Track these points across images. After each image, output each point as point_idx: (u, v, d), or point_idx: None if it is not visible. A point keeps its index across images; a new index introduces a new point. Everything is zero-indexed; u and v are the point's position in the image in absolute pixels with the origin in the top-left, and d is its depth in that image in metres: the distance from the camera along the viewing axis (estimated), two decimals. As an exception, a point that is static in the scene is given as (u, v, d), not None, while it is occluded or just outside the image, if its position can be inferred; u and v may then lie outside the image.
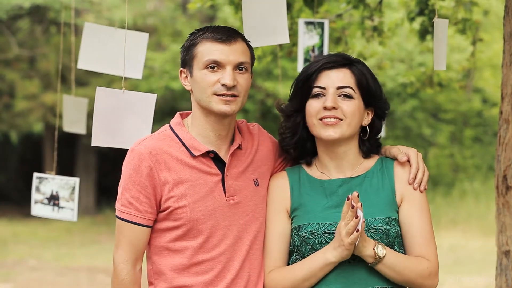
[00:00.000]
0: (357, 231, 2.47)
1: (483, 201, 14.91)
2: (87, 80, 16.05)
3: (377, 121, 2.75)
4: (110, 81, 16.11)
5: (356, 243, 2.51)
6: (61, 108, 4.69)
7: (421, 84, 6.59)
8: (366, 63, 2.78)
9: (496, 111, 15.17)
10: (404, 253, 2.67)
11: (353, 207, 2.45)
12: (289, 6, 5.33)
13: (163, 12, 16.03)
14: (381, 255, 2.53)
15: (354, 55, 6.19)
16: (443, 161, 17.70)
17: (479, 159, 17.50)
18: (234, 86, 2.61)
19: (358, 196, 2.47)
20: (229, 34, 2.65)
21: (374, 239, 2.58)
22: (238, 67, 2.64)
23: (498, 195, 3.39)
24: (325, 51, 4.40)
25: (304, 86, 2.69)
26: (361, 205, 2.47)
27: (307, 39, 4.44)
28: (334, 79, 2.66)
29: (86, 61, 3.58)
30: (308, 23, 4.43)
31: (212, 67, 2.62)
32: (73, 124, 4.66)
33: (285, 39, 3.23)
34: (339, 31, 5.94)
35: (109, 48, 3.50)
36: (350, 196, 2.47)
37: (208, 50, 2.62)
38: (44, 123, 16.99)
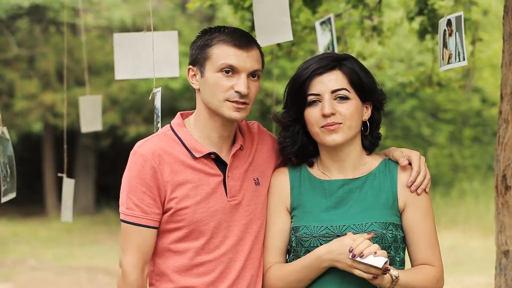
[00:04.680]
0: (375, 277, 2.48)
1: (482, 201, 14.89)
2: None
3: (376, 113, 2.74)
4: (110, 80, 16.11)
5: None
6: (63, 108, 4.71)
7: (420, 83, 6.58)
8: (365, 63, 2.77)
9: (495, 111, 15.16)
10: (402, 259, 2.67)
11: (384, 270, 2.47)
12: (289, 6, 5.33)
13: (162, 11, 16.00)
14: (396, 275, 2.51)
15: (354, 55, 6.18)
16: (442, 161, 17.69)
17: (478, 159, 17.48)
18: (247, 94, 2.59)
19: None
20: (247, 40, 2.62)
21: None
22: (252, 74, 2.62)
23: (497, 195, 3.39)
24: (335, 45, 4.41)
25: (298, 95, 2.67)
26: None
27: (323, 39, 4.48)
28: (327, 84, 2.63)
29: (122, 72, 3.61)
30: (321, 23, 4.47)
31: (227, 72, 2.58)
32: (90, 123, 4.68)
33: (289, 37, 3.24)
34: (338, 30, 5.93)
35: (141, 53, 3.52)
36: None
37: (224, 53, 2.58)
38: (43, 123, 16.96)
